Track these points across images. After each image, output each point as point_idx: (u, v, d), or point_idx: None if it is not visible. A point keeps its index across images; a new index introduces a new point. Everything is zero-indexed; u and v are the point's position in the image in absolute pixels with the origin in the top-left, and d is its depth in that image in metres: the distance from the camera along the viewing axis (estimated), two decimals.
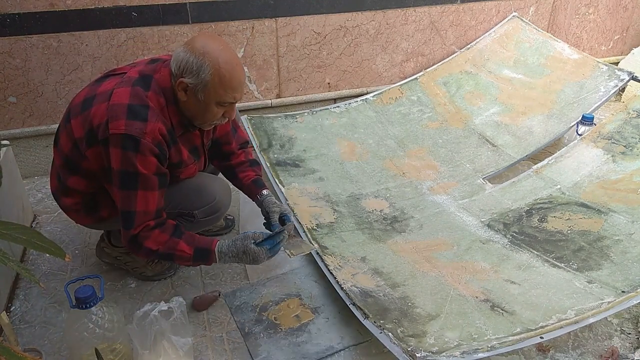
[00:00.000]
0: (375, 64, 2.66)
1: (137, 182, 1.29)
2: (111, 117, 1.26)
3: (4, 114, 2.09)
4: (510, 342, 1.30)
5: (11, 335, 1.23)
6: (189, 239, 1.38)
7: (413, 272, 1.63)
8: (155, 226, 1.35)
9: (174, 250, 1.35)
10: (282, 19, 2.35)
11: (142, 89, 1.30)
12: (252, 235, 1.42)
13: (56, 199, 1.50)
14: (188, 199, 1.50)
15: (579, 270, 1.59)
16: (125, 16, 2.09)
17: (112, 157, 1.27)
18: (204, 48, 1.26)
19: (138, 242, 1.34)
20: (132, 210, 1.31)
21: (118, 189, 1.31)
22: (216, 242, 1.41)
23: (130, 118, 1.25)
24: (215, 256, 1.39)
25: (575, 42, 3.11)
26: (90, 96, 1.34)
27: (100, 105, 1.29)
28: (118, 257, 1.64)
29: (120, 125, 1.24)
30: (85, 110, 1.32)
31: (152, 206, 1.33)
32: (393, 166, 2.27)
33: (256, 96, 2.47)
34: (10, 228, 0.94)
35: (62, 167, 1.41)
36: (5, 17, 1.93)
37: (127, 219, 1.32)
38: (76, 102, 1.37)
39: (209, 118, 1.36)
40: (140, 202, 1.31)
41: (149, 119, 1.27)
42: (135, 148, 1.25)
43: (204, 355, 1.39)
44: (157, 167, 1.31)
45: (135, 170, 1.27)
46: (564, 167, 2.11)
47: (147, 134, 1.26)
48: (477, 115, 2.53)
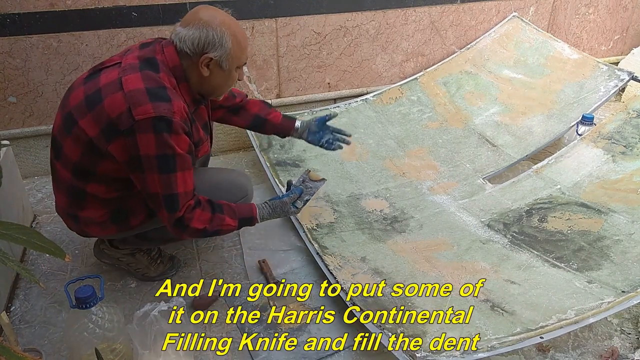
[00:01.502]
0: (375, 64, 2.66)
1: (175, 164, 1.27)
2: (133, 104, 1.21)
3: (4, 114, 2.09)
4: (510, 342, 1.30)
5: (11, 335, 1.23)
6: (230, 212, 1.42)
7: (413, 272, 1.63)
8: (195, 205, 1.35)
9: (220, 227, 1.40)
10: (282, 19, 2.35)
11: (151, 71, 1.28)
12: (289, 200, 1.53)
13: (70, 217, 1.44)
14: (221, 193, 1.49)
15: (579, 270, 1.59)
16: (125, 16, 2.09)
17: (143, 143, 1.23)
18: (216, 19, 1.29)
19: (184, 224, 1.34)
20: (175, 193, 1.29)
21: (157, 174, 1.26)
22: (255, 209, 1.47)
23: (154, 100, 1.22)
24: (257, 221, 1.48)
25: (575, 42, 3.11)
26: (92, 92, 1.28)
27: (114, 95, 1.24)
28: (120, 259, 1.62)
29: (147, 109, 1.21)
30: (96, 106, 1.26)
31: (190, 186, 1.33)
32: (393, 166, 2.27)
33: (256, 96, 2.47)
34: (10, 228, 0.94)
35: (74, 178, 1.36)
36: (5, 17, 1.93)
37: (170, 202, 1.30)
38: (73, 104, 1.31)
39: (229, 84, 1.41)
40: (180, 183, 1.29)
41: (172, 98, 1.25)
42: (168, 129, 1.23)
43: (204, 355, 1.39)
44: (190, 145, 1.31)
45: (173, 152, 1.25)
46: (564, 167, 2.11)
47: (176, 112, 1.24)
48: (477, 115, 2.53)
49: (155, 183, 1.28)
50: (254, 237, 1.87)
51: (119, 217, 1.43)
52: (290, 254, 1.80)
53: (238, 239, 1.86)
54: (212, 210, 1.38)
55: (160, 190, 1.29)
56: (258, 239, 1.86)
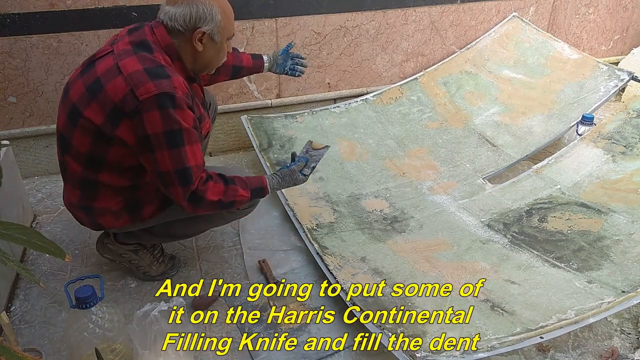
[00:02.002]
0: (375, 64, 2.65)
1: (182, 138, 1.28)
2: (135, 85, 1.23)
3: (4, 114, 2.09)
4: (510, 342, 1.30)
5: (11, 335, 1.23)
6: (242, 184, 1.42)
7: (413, 272, 1.63)
8: (207, 178, 1.37)
9: (234, 198, 1.40)
10: (282, 19, 2.35)
11: (146, 52, 1.29)
12: (297, 168, 1.54)
13: (83, 210, 1.45)
14: None
15: (579, 270, 1.59)
16: (125, 16, 2.08)
17: (150, 122, 1.25)
18: None
19: (198, 196, 1.34)
20: (187, 166, 1.30)
21: (167, 149, 1.27)
22: (265, 180, 1.49)
23: (155, 79, 1.24)
24: (268, 191, 1.49)
25: (575, 42, 3.11)
26: (92, 82, 1.30)
27: (114, 80, 1.26)
28: (123, 255, 1.61)
29: (150, 88, 1.23)
30: (98, 94, 1.28)
31: (200, 159, 1.34)
32: (393, 166, 2.27)
33: (256, 96, 2.47)
34: (10, 228, 0.94)
35: (86, 170, 1.37)
36: (5, 17, 1.93)
37: (183, 176, 1.31)
38: (76, 97, 1.32)
39: (222, 57, 1.44)
40: (190, 157, 1.30)
41: (170, 74, 1.27)
42: (172, 104, 1.25)
43: (204, 355, 1.39)
44: (194, 120, 1.32)
45: (180, 127, 1.27)
46: (564, 167, 2.11)
47: (177, 87, 1.26)
48: (477, 115, 2.53)
49: (165, 160, 1.29)
50: (254, 237, 1.87)
51: (133, 207, 1.44)
52: (290, 254, 1.80)
53: (238, 239, 1.86)
54: (225, 182, 1.39)
55: (172, 167, 1.30)
56: (258, 239, 1.86)
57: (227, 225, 1.92)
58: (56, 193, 2.12)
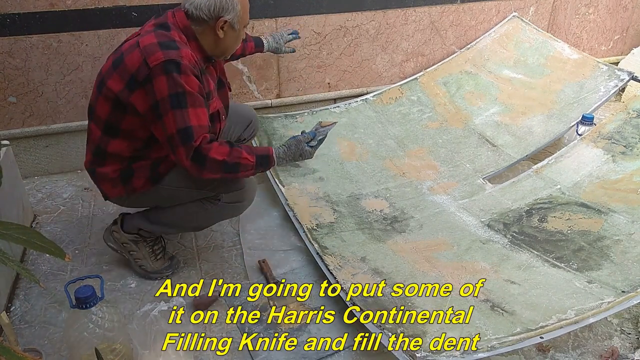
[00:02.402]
0: (375, 64, 2.65)
1: (186, 101, 1.36)
2: (147, 55, 1.35)
3: (4, 114, 2.09)
4: (510, 342, 1.30)
5: (11, 335, 1.23)
6: (247, 149, 1.45)
7: (413, 272, 1.63)
8: (212, 139, 1.41)
9: (239, 159, 1.42)
10: (282, 19, 2.35)
11: (164, 30, 1.42)
12: (303, 139, 1.55)
13: (91, 173, 1.56)
14: (217, 181, 1.51)
15: (579, 270, 1.59)
16: (125, 16, 2.09)
17: (158, 87, 1.35)
18: None
19: (202, 154, 1.38)
20: (189, 125, 1.37)
21: (171, 111, 1.35)
22: (272, 149, 1.51)
23: (164, 49, 1.36)
24: (274, 160, 1.51)
25: (575, 42, 3.11)
26: (117, 57, 1.43)
27: (132, 54, 1.38)
28: (125, 244, 1.65)
29: (158, 56, 1.34)
30: (119, 66, 1.41)
31: (204, 121, 1.40)
32: (393, 166, 2.27)
33: (256, 96, 2.47)
34: (10, 228, 0.94)
35: (103, 134, 1.48)
36: (5, 17, 1.93)
37: (185, 134, 1.37)
38: (104, 70, 1.46)
39: (238, 43, 1.56)
40: (192, 117, 1.37)
41: (180, 47, 1.39)
42: (177, 69, 1.35)
43: (204, 355, 1.39)
44: (200, 88, 1.40)
45: (183, 90, 1.35)
46: (564, 167, 2.11)
47: (184, 57, 1.37)
48: (477, 115, 2.53)
49: (170, 122, 1.37)
50: (254, 237, 1.87)
51: (126, 177, 1.52)
52: (290, 254, 1.80)
53: (238, 239, 1.87)
54: (230, 145, 1.43)
55: (175, 128, 1.37)
56: (258, 239, 1.86)
57: (227, 225, 1.93)
58: (56, 193, 2.12)
